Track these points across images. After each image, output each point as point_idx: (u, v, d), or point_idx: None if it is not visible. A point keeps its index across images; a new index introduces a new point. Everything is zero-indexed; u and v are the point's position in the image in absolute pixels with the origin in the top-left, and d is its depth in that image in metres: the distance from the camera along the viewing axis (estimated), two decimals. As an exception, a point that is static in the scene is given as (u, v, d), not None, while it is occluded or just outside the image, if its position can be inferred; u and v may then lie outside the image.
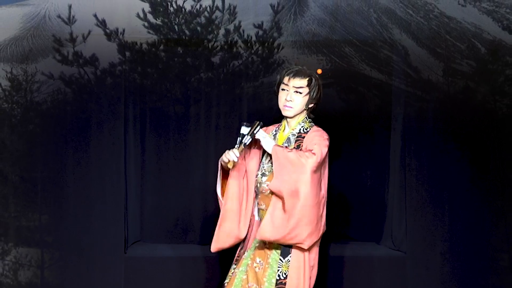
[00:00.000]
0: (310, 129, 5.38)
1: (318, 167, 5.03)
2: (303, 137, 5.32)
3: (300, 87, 5.18)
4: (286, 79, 5.31)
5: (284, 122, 5.62)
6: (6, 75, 8.94)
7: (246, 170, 5.76)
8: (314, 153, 5.00)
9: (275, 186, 5.06)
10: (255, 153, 5.79)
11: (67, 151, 8.75)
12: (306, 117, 5.47)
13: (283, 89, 5.35)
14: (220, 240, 5.90)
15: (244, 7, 9.29)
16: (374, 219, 9.49)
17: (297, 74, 5.24)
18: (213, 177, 9.25)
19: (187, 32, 9.38)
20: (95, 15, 9.11)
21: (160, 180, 9.53)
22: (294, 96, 5.23)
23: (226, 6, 9.37)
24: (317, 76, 5.40)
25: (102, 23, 9.16)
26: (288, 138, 5.40)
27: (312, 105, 5.42)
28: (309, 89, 5.21)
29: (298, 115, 5.41)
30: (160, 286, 8.75)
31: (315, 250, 5.54)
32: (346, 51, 9.25)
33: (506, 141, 8.93)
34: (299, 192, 4.90)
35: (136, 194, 9.45)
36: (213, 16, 9.43)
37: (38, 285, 8.49)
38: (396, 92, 9.10)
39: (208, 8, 9.43)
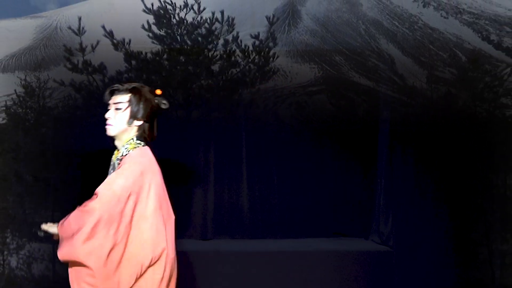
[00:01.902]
0: (131, 151, 4.36)
1: (107, 206, 3.96)
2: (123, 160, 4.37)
3: (119, 103, 4.30)
4: (108, 98, 4.41)
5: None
6: (21, 82, 8.97)
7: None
8: (94, 197, 4.03)
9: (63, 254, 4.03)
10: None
11: (77, 153, 8.77)
12: (134, 138, 4.39)
13: (108, 109, 4.42)
14: None
15: (242, 19, 9.33)
16: (362, 216, 9.51)
17: (116, 90, 4.35)
18: (213, 177, 9.34)
19: (188, 42, 9.40)
20: (103, 27, 9.13)
21: (163, 180, 9.52)
22: (113, 113, 4.35)
23: (225, 18, 9.40)
24: (145, 92, 4.39)
25: (110, 34, 9.18)
26: (113, 164, 4.49)
27: (140, 122, 4.38)
28: (130, 104, 4.29)
29: (124, 136, 4.41)
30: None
31: None
32: (337, 59, 9.28)
33: (485, 144, 8.94)
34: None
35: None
36: (213, 27, 9.45)
37: (50, 278, 8.50)
38: (383, 98, 9.13)
39: (208, 20, 9.46)
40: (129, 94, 4.29)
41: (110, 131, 4.38)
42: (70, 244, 3.94)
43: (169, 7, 9.42)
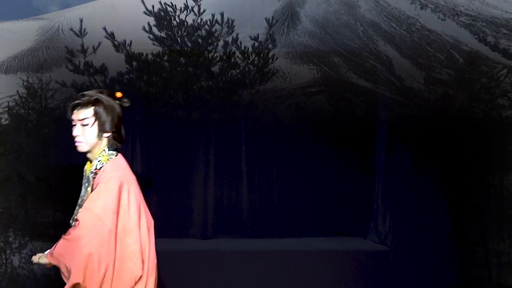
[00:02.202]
0: (105, 164, 4.17)
1: (93, 230, 3.89)
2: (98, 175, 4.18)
3: (85, 119, 4.10)
4: (70, 114, 4.16)
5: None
6: (23, 83, 8.98)
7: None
8: (77, 224, 3.95)
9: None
10: None
11: (79, 153, 8.77)
12: (105, 149, 4.24)
13: (73, 125, 4.17)
14: None
15: (241, 21, 9.34)
16: (361, 216, 9.51)
17: (79, 105, 4.10)
18: (213, 176, 9.34)
19: (189, 43, 9.41)
20: (104, 28, 9.14)
21: (164, 179, 9.54)
22: (81, 129, 4.14)
23: (225, 20, 9.41)
24: (108, 99, 4.21)
25: (111, 36, 9.19)
26: (88, 178, 4.29)
27: (109, 133, 4.22)
28: (96, 118, 4.10)
29: (95, 149, 4.24)
30: (166, 277, 8.76)
31: None
32: (335, 61, 9.29)
33: (482, 145, 8.95)
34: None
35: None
36: (213, 29, 9.46)
37: (51, 277, 8.50)
38: (381, 99, 9.15)
39: (208, 22, 9.48)
40: (93, 108, 4.09)
41: (82, 148, 4.21)
42: (69, 278, 3.86)
43: (169, 9, 9.43)
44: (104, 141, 4.20)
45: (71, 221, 4.26)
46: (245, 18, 9.16)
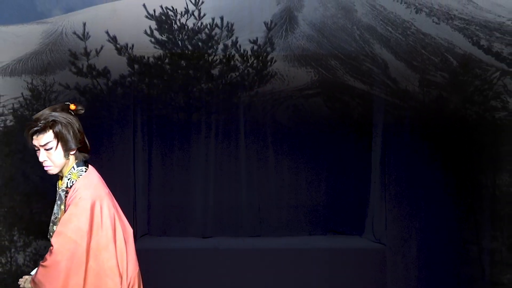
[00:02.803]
0: (75, 181, 4.08)
1: (68, 254, 3.81)
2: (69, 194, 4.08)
3: (47, 143, 3.97)
4: (31, 140, 4.04)
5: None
6: (27, 86, 8.98)
7: None
8: (52, 249, 3.86)
9: None
10: None
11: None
12: (74, 166, 4.14)
13: (37, 149, 4.07)
14: None
15: (241, 25, 9.33)
16: (357, 215, 9.53)
17: (37, 131, 3.96)
18: (213, 176, 9.34)
19: (189, 47, 9.42)
20: (107, 32, 9.14)
21: (165, 179, 9.55)
22: (45, 154, 4.02)
23: (225, 23, 9.41)
24: (64, 116, 4.03)
25: (113, 39, 9.19)
26: (60, 196, 4.19)
27: (74, 151, 4.11)
28: (57, 140, 3.97)
29: (64, 168, 4.13)
30: (166, 275, 8.77)
31: None
32: (332, 64, 9.29)
33: (475, 146, 8.96)
34: None
35: (143, 192, 9.47)
36: (213, 33, 9.46)
37: (55, 274, 8.49)
38: (376, 101, 9.14)
39: (208, 26, 9.47)
40: (51, 131, 3.97)
41: (52, 171, 4.13)
42: None
43: (170, 13, 9.43)
44: (72, 158, 4.13)
45: (48, 236, 4.21)
46: (244, 22, 9.15)
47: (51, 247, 3.86)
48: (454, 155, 9.04)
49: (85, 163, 4.24)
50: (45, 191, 8.67)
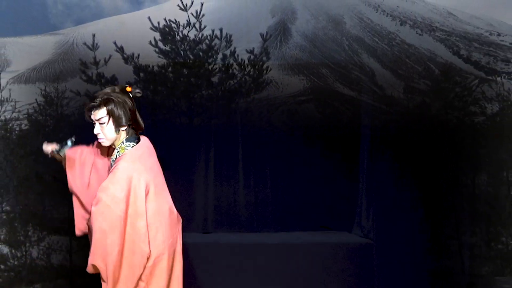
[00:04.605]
0: (122, 154, 4.27)
1: (102, 217, 3.96)
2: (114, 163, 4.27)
3: (100, 118, 4.14)
4: (88, 115, 4.21)
5: None
6: (41, 92, 9.00)
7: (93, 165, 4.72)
8: (97, 200, 4.00)
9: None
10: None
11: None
12: (123, 141, 4.29)
13: (94, 123, 4.23)
14: (79, 224, 4.71)
15: (239, 36, 9.37)
16: (346, 212, 9.54)
17: (93, 107, 4.13)
18: (213, 176, 9.35)
19: (191, 56, 9.43)
20: (114, 43, 9.16)
21: (168, 179, 9.55)
22: (99, 128, 4.20)
23: (224, 35, 9.43)
24: (118, 96, 4.22)
25: (121, 49, 9.20)
26: (111, 165, 4.38)
27: (125, 127, 4.27)
28: (109, 115, 4.14)
29: (116, 141, 4.30)
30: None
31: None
32: (323, 72, 9.33)
33: (456, 148, 8.99)
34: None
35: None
36: (213, 43, 9.48)
37: (67, 267, 8.51)
38: (364, 106, 9.17)
39: (208, 37, 9.50)
40: (105, 107, 4.13)
41: (104, 143, 4.30)
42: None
43: (173, 25, 9.45)
44: (123, 134, 4.26)
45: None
46: (242, 33, 9.20)
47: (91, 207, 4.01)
48: (436, 156, 9.07)
49: (137, 139, 4.35)
50: (57, 190, 8.69)
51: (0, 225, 8.80)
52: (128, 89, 4.25)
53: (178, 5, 9.35)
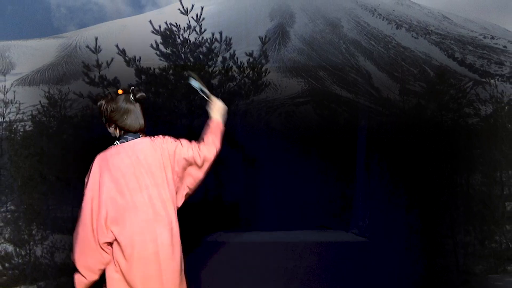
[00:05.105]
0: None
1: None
2: None
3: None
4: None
5: None
6: (45, 94, 9.03)
7: None
8: None
9: None
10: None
11: (94, 156, 8.81)
12: (116, 139, 4.18)
13: None
14: None
15: (238, 39, 9.42)
16: (343, 212, 9.59)
17: None
18: (212, 176, 9.36)
19: (191, 59, 9.46)
20: (116, 46, 9.18)
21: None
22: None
23: (223, 38, 9.46)
24: (100, 103, 4.01)
25: (123, 52, 9.23)
26: None
27: (109, 128, 4.16)
28: (102, 119, 4.06)
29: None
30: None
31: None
32: (321, 74, 9.40)
33: (450, 148, 9.01)
34: None
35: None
36: (213, 47, 9.51)
37: (70, 265, 8.49)
38: (361, 108, 9.25)
39: (208, 40, 9.53)
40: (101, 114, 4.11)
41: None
42: None
43: (174, 29, 9.48)
44: (115, 132, 4.16)
45: None
46: (241, 37, 9.26)
47: None
48: (431, 157, 9.09)
49: (125, 140, 4.27)
50: (60, 189, 8.72)
51: (4, 224, 8.81)
52: (120, 91, 4.30)
53: (179, 9, 9.38)
